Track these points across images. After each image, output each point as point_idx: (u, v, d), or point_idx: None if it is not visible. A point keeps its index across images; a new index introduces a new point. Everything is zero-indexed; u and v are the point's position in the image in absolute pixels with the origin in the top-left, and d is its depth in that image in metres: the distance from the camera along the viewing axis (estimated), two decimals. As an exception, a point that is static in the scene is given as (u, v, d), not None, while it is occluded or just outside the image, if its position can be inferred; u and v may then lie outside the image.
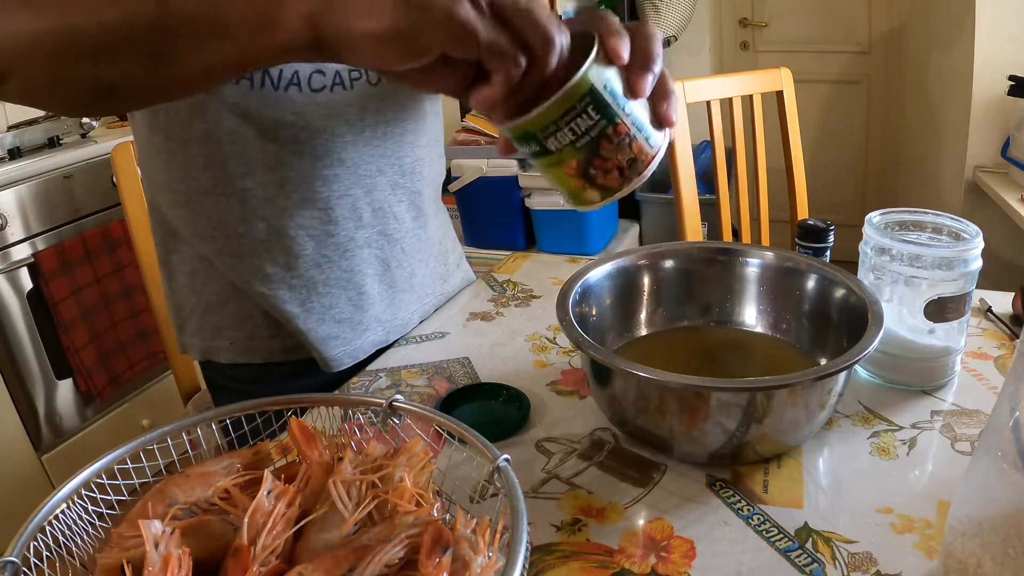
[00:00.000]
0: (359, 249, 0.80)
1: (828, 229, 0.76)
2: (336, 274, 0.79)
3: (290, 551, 0.44)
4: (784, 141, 1.49)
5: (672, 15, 2.40)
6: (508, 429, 0.67)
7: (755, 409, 0.55)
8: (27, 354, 1.72)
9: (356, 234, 0.79)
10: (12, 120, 2.09)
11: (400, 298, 0.86)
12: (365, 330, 0.83)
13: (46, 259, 1.71)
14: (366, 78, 0.75)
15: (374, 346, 0.84)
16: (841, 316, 0.68)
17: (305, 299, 0.78)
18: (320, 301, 0.79)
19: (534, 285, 1.01)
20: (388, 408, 0.54)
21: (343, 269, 0.79)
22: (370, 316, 0.83)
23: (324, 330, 0.79)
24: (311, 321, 0.79)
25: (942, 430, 0.64)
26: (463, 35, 0.42)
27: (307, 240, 0.76)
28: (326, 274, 0.78)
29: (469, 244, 2.31)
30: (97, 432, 1.89)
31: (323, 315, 0.79)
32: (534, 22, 0.43)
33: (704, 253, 0.77)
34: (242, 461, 0.52)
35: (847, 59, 2.82)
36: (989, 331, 0.81)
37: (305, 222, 0.76)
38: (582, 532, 0.55)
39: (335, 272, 0.79)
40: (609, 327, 0.74)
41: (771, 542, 0.52)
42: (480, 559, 0.41)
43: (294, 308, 0.78)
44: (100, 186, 1.85)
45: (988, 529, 0.42)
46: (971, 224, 0.68)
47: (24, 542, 0.42)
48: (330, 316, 0.79)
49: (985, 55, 1.77)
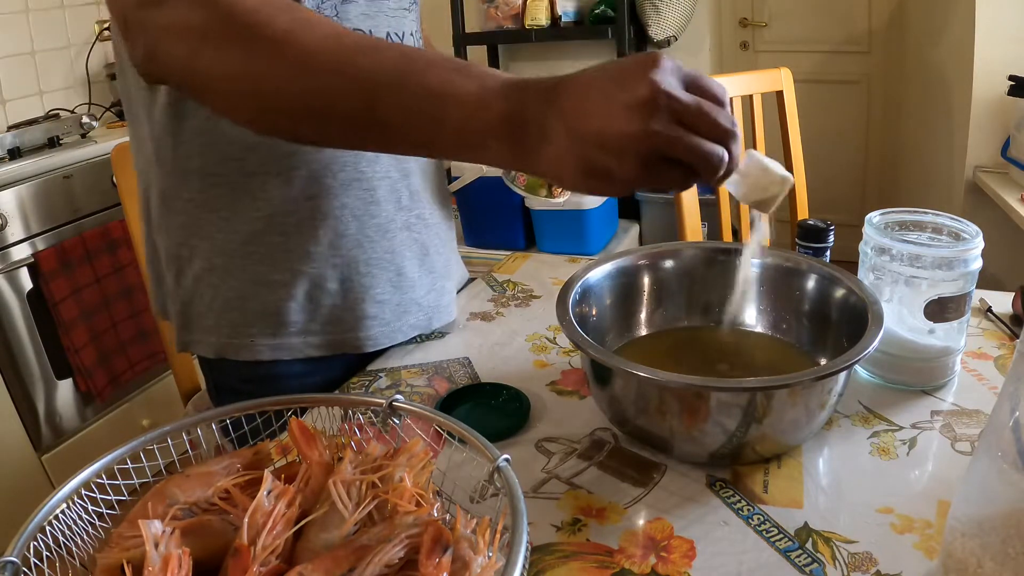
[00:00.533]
0: (399, 231, 0.82)
1: (828, 229, 0.76)
2: (377, 254, 0.80)
3: (290, 551, 0.44)
4: (784, 141, 1.49)
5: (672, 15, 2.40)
6: (508, 429, 0.67)
7: (755, 409, 0.55)
8: (27, 354, 1.72)
9: (396, 216, 0.81)
10: (12, 120, 2.09)
11: (441, 284, 0.88)
12: (404, 312, 0.84)
13: (46, 259, 1.71)
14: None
15: (414, 330, 0.85)
16: (841, 316, 0.68)
17: (346, 278, 0.79)
18: (361, 281, 0.79)
19: (534, 285, 1.01)
20: (388, 408, 0.54)
21: (384, 250, 0.81)
22: (409, 298, 0.84)
23: (363, 310, 0.80)
24: (351, 300, 0.79)
25: (942, 430, 0.64)
26: (643, 187, 0.48)
27: (351, 220, 0.77)
28: (367, 254, 0.79)
29: (469, 244, 2.31)
30: (97, 432, 1.89)
31: (363, 295, 0.80)
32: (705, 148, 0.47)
33: (704, 253, 0.76)
34: (242, 461, 0.52)
35: (847, 59, 2.82)
36: (989, 331, 0.81)
37: (350, 202, 0.77)
38: (582, 532, 0.55)
39: (376, 252, 0.80)
40: (609, 327, 0.74)
41: (771, 542, 0.52)
42: (480, 559, 0.41)
43: (334, 286, 0.78)
44: (100, 186, 1.85)
45: (988, 529, 0.42)
46: (971, 224, 0.68)
47: (24, 542, 0.42)
48: (370, 296, 0.80)
49: (985, 55, 1.77)
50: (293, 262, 0.77)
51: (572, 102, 0.48)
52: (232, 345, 0.80)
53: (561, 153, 0.48)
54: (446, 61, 0.53)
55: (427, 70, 0.51)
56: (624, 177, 0.47)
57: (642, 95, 0.45)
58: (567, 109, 0.48)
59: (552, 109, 0.48)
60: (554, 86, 0.49)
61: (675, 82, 0.47)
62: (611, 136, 0.46)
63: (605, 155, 0.46)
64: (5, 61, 2.11)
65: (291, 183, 0.74)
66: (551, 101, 0.48)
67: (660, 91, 0.45)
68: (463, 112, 0.50)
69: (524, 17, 2.41)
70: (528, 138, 0.49)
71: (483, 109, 0.49)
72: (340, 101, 0.53)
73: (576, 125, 0.47)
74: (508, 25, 2.46)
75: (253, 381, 0.81)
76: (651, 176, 0.47)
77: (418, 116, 0.51)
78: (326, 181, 0.75)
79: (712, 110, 0.47)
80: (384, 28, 0.75)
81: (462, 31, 2.51)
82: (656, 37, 2.44)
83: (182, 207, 0.77)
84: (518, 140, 0.49)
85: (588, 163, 0.47)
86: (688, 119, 0.47)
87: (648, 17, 2.39)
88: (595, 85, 0.48)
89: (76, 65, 2.32)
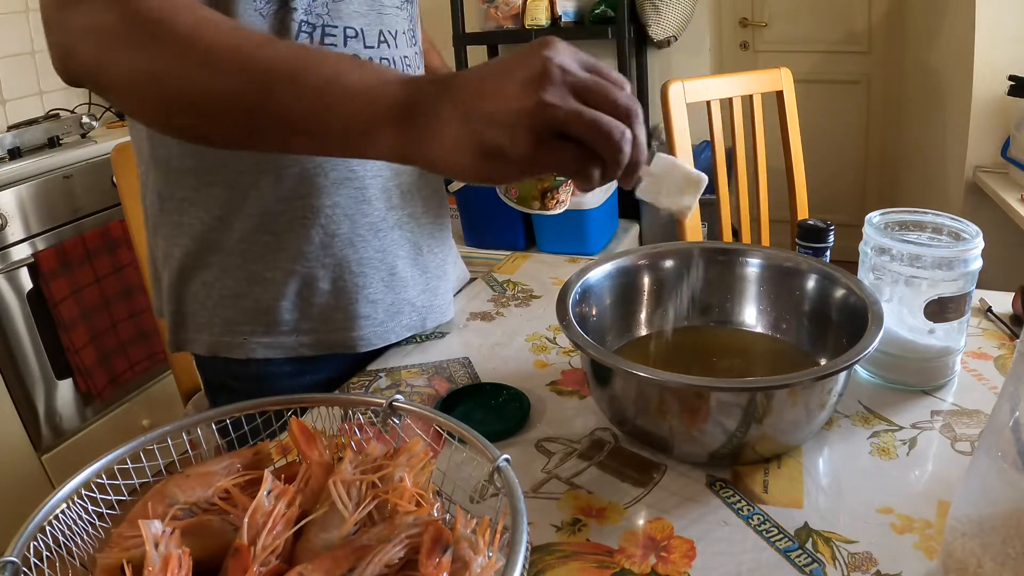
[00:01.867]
0: (391, 230, 0.81)
1: (828, 229, 0.76)
2: (369, 254, 0.80)
3: (290, 551, 0.44)
4: (784, 141, 1.49)
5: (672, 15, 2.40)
6: (508, 429, 0.67)
7: (755, 409, 0.55)
8: (27, 354, 1.72)
9: (388, 215, 0.81)
10: (12, 120, 2.09)
11: (435, 285, 0.88)
12: (397, 312, 0.83)
13: (46, 259, 1.71)
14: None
15: (407, 330, 0.85)
16: (841, 316, 0.68)
17: (338, 278, 0.78)
18: (353, 281, 0.79)
19: (534, 285, 1.01)
20: (388, 408, 0.54)
21: (376, 249, 0.80)
22: (402, 298, 0.84)
23: (355, 309, 0.80)
24: (344, 300, 0.79)
25: (942, 430, 0.64)
26: (541, 169, 0.47)
27: (342, 219, 0.77)
28: (359, 253, 0.79)
29: (469, 244, 2.31)
30: (97, 432, 1.89)
31: (356, 294, 0.80)
32: (606, 127, 0.46)
33: (704, 253, 0.77)
34: (242, 461, 0.52)
35: (847, 59, 2.82)
36: (989, 331, 0.81)
37: (341, 200, 0.77)
38: (582, 532, 0.55)
39: (368, 252, 0.80)
40: (609, 327, 0.74)
41: (771, 542, 0.52)
42: (480, 559, 0.41)
43: (326, 285, 0.78)
44: (100, 186, 1.85)
45: (988, 529, 0.42)
46: (971, 224, 0.68)
47: (24, 542, 0.42)
48: (363, 296, 0.80)
49: (985, 55, 1.77)
50: (285, 261, 0.77)
51: (466, 86, 0.47)
52: (225, 343, 0.80)
53: (453, 135, 0.46)
54: (345, 57, 0.53)
55: (322, 62, 0.51)
56: (518, 154, 0.45)
57: (535, 70, 0.45)
58: (460, 92, 0.47)
59: (446, 94, 0.47)
60: (450, 75, 0.49)
61: (570, 60, 0.46)
62: (504, 112, 0.45)
63: (498, 131, 0.45)
64: (5, 61, 2.11)
65: (282, 182, 0.74)
66: (445, 87, 0.48)
67: (553, 64, 0.45)
68: (354, 100, 0.49)
69: (524, 17, 2.41)
70: (419, 123, 0.48)
71: (375, 97, 0.49)
72: (239, 97, 0.52)
73: (469, 106, 0.46)
74: (508, 25, 2.46)
75: (246, 379, 0.81)
76: (547, 154, 0.46)
77: (309, 104, 0.50)
78: (317, 180, 0.75)
79: (611, 88, 0.46)
80: (377, 26, 0.75)
81: (462, 31, 2.51)
82: (656, 37, 2.44)
83: (176, 207, 0.77)
84: (409, 126, 0.48)
85: (480, 142, 0.46)
86: (585, 94, 0.45)
87: (648, 17, 2.39)
88: (489, 69, 0.47)
89: (76, 65, 2.31)
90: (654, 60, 2.66)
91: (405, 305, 0.84)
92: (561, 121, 0.45)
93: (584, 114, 0.45)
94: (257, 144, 0.59)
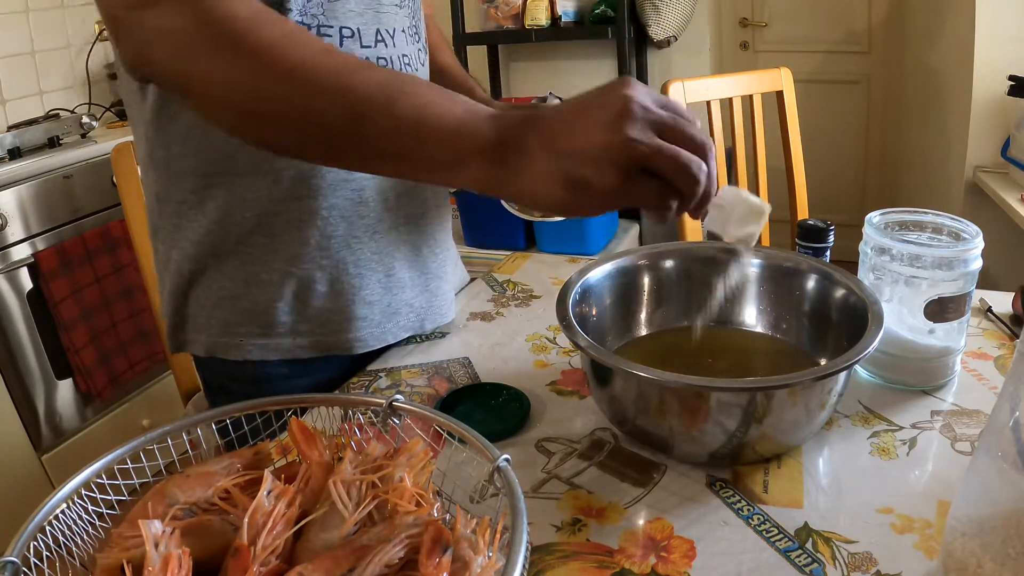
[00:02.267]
0: (388, 232, 0.81)
1: (828, 229, 0.76)
2: (366, 255, 0.80)
3: (290, 551, 0.44)
4: (784, 141, 1.49)
5: (672, 15, 2.40)
6: (508, 429, 0.67)
7: (755, 409, 0.55)
8: (27, 354, 1.72)
9: (385, 216, 0.80)
10: (12, 120, 2.09)
11: (435, 286, 0.88)
12: (395, 313, 0.83)
13: (46, 259, 1.71)
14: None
15: (405, 331, 0.85)
16: (841, 316, 0.68)
17: (335, 279, 0.78)
18: (350, 282, 0.79)
19: (534, 285, 1.01)
20: (388, 408, 0.54)
21: (373, 251, 0.80)
22: (400, 300, 0.83)
23: (352, 311, 0.80)
24: (340, 301, 0.79)
25: (942, 430, 0.64)
26: (624, 201, 0.50)
27: (339, 220, 0.77)
28: (356, 255, 0.79)
29: (469, 244, 2.31)
30: (97, 432, 1.89)
31: (353, 296, 0.79)
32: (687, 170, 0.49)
33: (704, 253, 0.76)
34: (242, 461, 0.52)
35: (847, 59, 2.82)
36: (989, 331, 0.81)
37: (338, 202, 0.76)
38: (582, 532, 0.55)
39: (365, 253, 0.80)
40: (609, 327, 0.74)
41: (771, 542, 0.52)
42: (480, 559, 0.41)
43: (323, 287, 0.78)
44: (100, 186, 1.85)
45: (988, 529, 0.42)
46: (971, 224, 0.68)
47: (24, 542, 0.42)
48: (360, 298, 0.80)
49: (985, 55, 1.77)
50: (281, 262, 0.77)
51: (552, 123, 0.50)
52: (222, 344, 0.80)
53: (542, 170, 0.49)
54: (434, 87, 0.55)
55: (415, 92, 0.54)
56: (603, 187, 0.48)
57: (618, 108, 0.48)
58: (548, 129, 0.50)
59: (533, 132, 0.50)
60: (534, 113, 0.51)
61: (649, 99, 0.49)
62: (591, 147, 0.48)
63: (584, 166, 0.48)
64: (5, 61, 2.11)
65: (279, 183, 0.74)
66: (532, 125, 0.51)
67: (635, 102, 0.48)
68: (445, 134, 0.52)
69: (524, 17, 2.42)
70: (509, 159, 0.51)
71: (466, 133, 0.52)
72: (326, 116, 0.54)
73: (557, 142, 0.49)
74: (508, 25, 2.46)
75: (244, 381, 0.81)
76: (630, 188, 0.49)
77: (402, 135, 0.53)
78: (314, 182, 0.75)
79: (687, 125, 0.49)
80: (374, 25, 0.74)
81: (462, 31, 2.51)
82: (656, 37, 2.44)
83: (175, 209, 0.77)
84: (499, 161, 0.51)
85: (568, 176, 0.49)
86: (664, 130, 0.48)
87: (648, 17, 2.39)
88: (573, 107, 0.51)
89: (76, 65, 2.32)
90: (654, 60, 2.66)
91: (403, 306, 0.84)
92: (645, 156, 0.48)
93: (665, 150, 0.48)
94: (331, 160, 0.62)
